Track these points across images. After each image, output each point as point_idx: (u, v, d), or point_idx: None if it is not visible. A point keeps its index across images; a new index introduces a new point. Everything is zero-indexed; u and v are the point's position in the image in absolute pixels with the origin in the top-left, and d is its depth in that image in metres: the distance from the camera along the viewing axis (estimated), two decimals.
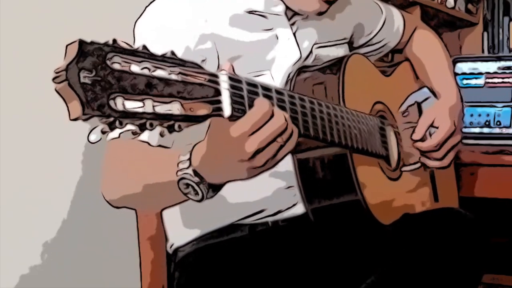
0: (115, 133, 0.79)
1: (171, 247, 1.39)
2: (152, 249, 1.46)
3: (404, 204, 1.33)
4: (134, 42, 1.19)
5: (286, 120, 0.93)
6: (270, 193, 1.28)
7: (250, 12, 1.28)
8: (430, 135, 1.41)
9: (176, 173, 0.98)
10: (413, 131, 1.41)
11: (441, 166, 1.43)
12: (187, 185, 0.98)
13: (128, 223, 1.51)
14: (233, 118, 0.88)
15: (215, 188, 0.99)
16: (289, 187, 1.28)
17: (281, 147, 0.93)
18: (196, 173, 0.97)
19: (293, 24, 1.32)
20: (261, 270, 1.24)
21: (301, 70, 1.27)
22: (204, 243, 1.32)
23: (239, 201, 1.26)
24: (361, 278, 1.17)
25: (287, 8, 1.29)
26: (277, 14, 1.29)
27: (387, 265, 1.16)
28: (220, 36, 1.23)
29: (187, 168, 0.97)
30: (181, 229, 1.35)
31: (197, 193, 0.98)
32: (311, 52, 1.34)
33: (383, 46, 1.58)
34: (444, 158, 1.41)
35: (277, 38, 1.30)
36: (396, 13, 1.60)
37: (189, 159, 0.97)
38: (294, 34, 1.31)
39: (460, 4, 2.50)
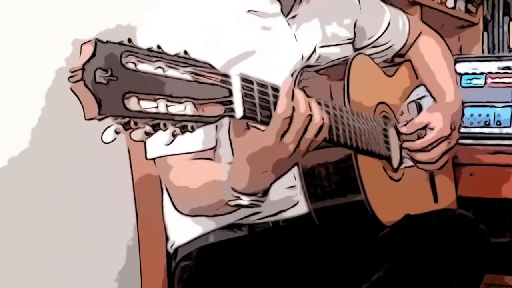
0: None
1: (171, 246, 1.38)
2: (152, 249, 1.46)
3: (406, 205, 1.33)
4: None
5: (310, 108, 0.98)
6: (270, 193, 1.27)
7: (248, 11, 1.28)
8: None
9: (228, 204, 1.05)
10: (404, 125, 1.40)
11: (431, 168, 1.42)
12: (244, 206, 1.04)
13: (128, 223, 1.51)
14: (244, 118, 0.88)
15: (266, 192, 1.04)
16: (290, 187, 1.28)
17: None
18: (244, 194, 1.02)
19: (292, 24, 1.32)
20: (262, 270, 1.24)
21: (304, 69, 1.27)
22: (204, 242, 1.32)
23: None
24: (362, 278, 1.18)
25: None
26: (274, 13, 1.29)
27: (388, 266, 1.16)
28: (221, 37, 1.22)
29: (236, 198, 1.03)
30: (182, 228, 1.35)
31: (254, 206, 1.04)
32: (314, 51, 1.34)
33: (388, 48, 1.58)
34: (437, 161, 1.41)
35: (276, 37, 1.30)
36: (402, 17, 1.61)
37: (233, 187, 1.02)
38: (294, 33, 1.32)
39: (460, 4, 2.51)
